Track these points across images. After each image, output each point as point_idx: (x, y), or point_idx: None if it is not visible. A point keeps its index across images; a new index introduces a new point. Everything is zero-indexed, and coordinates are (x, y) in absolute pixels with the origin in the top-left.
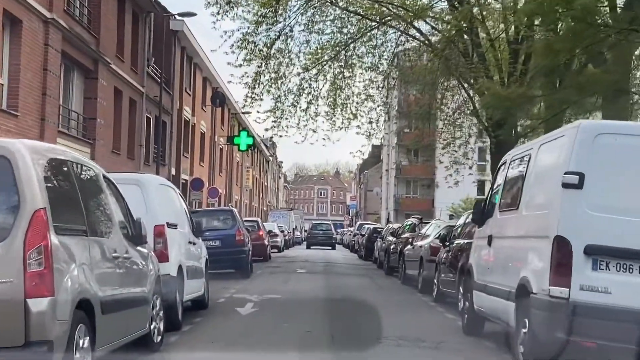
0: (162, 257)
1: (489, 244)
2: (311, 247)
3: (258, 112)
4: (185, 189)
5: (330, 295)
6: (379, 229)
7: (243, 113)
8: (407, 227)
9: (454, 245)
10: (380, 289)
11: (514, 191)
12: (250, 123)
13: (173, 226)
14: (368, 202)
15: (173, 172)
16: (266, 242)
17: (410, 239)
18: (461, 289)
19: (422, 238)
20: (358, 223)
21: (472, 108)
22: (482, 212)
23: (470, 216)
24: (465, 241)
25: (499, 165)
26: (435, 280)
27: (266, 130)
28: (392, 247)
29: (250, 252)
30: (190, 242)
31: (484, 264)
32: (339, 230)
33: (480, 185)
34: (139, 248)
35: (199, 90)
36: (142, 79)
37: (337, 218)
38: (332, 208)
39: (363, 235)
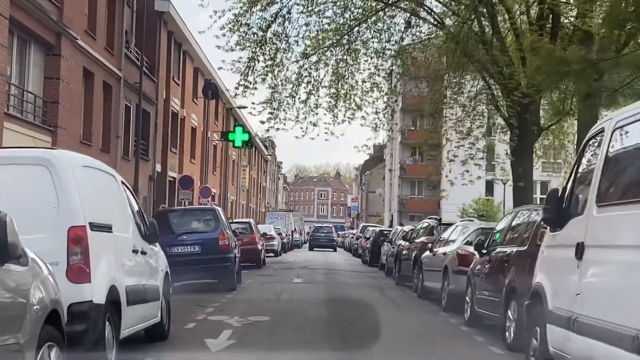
0: (80, 275)
1: (579, 256)
2: (314, 249)
3: (253, 103)
4: (174, 187)
5: (334, 317)
6: (386, 232)
7: (239, 107)
8: (422, 229)
9: (495, 253)
10: (393, 305)
11: (633, 173)
12: (247, 119)
13: (103, 228)
14: (369, 204)
15: (158, 168)
16: (259, 247)
17: (429, 244)
18: (510, 313)
19: (445, 243)
20: (361, 225)
21: (490, 96)
22: (559, 208)
23: (513, 217)
24: (516, 249)
25: (588, 138)
26: (467, 298)
27: (262, 122)
28: (404, 252)
29: (237, 260)
30: (136, 251)
31: (569, 286)
32: (340, 232)
33: (489, 185)
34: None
35: (189, 80)
36: (120, 62)
37: (338, 220)
38: (332, 210)
39: (367, 239)
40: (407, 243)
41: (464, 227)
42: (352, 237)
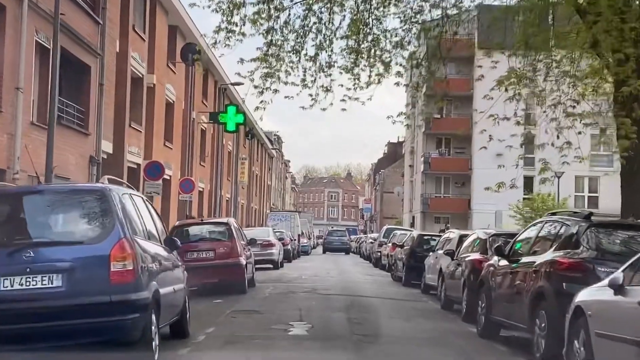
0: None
1: None
2: (326, 252)
3: (242, 59)
4: (135, 175)
5: None
6: (428, 238)
7: (233, 84)
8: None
9: None
10: None
11: None
12: (242, 98)
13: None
14: (384, 205)
15: (107, 147)
16: (243, 261)
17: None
18: None
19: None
20: (384, 228)
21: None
22: None
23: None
24: None
25: None
26: None
27: (255, 88)
28: (495, 279)
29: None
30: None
31: None
32: (353, 236)
33: (528, 182)
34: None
35: (161, 39)
36: None
37: (349, 223)
38: (344, 212)
39: (398, 246)
40: (497, 263)
41: None
42: (372, 243)
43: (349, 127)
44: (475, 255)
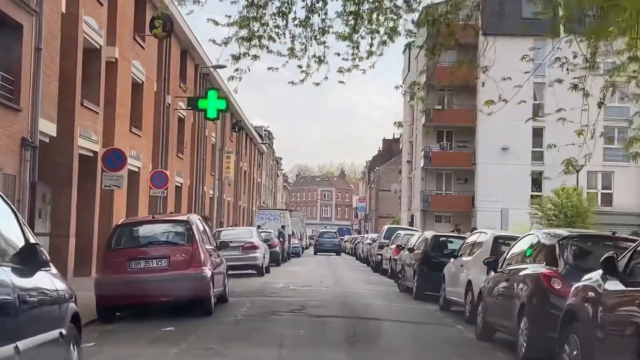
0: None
1: None
2: (317, 254)
3: (214, 21)
4: (91, 164)
5: None
6: (445, 240)
7: (214, 67)
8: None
9: None
10: None
11: None
12: (225, 84)
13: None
14: (380, 204)
15: (47, 128)
16: (207, 271)
17: None
18: None
19: None
20: (385, 228)
21: None
22: None
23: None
24: None
25: None
26: None
27: (233, 57)
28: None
29: None
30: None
31: None
32: (347, 236)
33: (536, 179)
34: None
35: (125, 6)
36: None
37: (343, 222)
38: (337, 211)
39: (401, 248)
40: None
41: None
42: (370, 244)
43: (340, 129)
44: (540, 268)
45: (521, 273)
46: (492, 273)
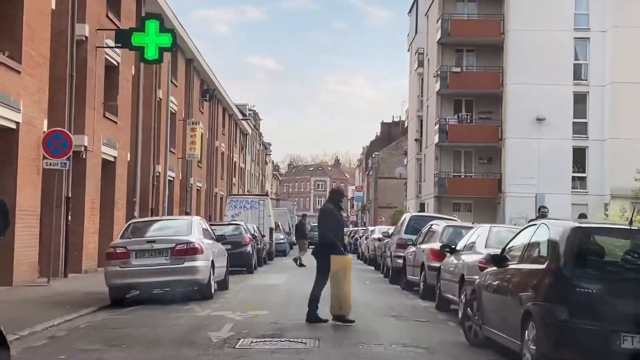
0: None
1: None
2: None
3: None
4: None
5: None
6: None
7: None
8: None
9: None
10: None
11: None
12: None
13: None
14: (379, 192)
15: None
16: None
17: None
18: None
19: None
20: (407, 217)
21: None
22: None
23: None
24: None
25: None
26: None
27: None
28: None
29: None
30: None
31: None
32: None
33: (579, 155)
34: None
35: None
36: None
37: None
38: None
39: (447, 251)
40: None
41: None
42: (379, 241)
43: (330, 121)
44: None
45: None
46: None
